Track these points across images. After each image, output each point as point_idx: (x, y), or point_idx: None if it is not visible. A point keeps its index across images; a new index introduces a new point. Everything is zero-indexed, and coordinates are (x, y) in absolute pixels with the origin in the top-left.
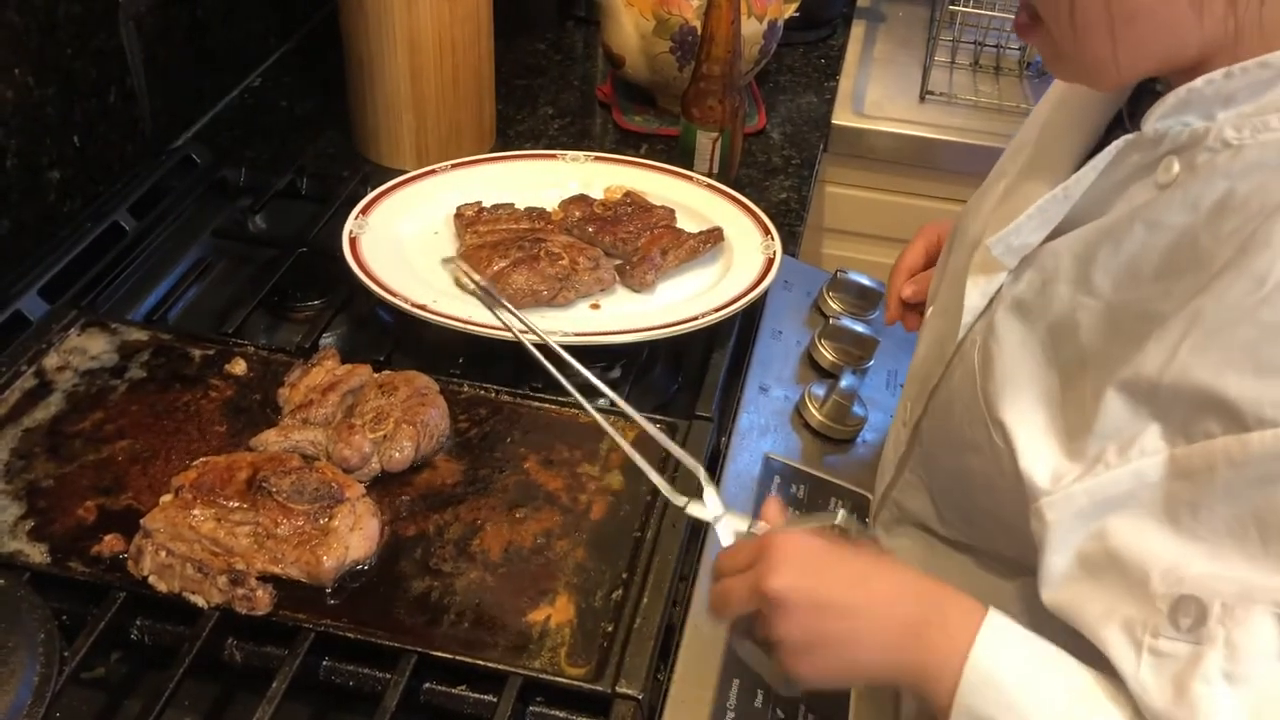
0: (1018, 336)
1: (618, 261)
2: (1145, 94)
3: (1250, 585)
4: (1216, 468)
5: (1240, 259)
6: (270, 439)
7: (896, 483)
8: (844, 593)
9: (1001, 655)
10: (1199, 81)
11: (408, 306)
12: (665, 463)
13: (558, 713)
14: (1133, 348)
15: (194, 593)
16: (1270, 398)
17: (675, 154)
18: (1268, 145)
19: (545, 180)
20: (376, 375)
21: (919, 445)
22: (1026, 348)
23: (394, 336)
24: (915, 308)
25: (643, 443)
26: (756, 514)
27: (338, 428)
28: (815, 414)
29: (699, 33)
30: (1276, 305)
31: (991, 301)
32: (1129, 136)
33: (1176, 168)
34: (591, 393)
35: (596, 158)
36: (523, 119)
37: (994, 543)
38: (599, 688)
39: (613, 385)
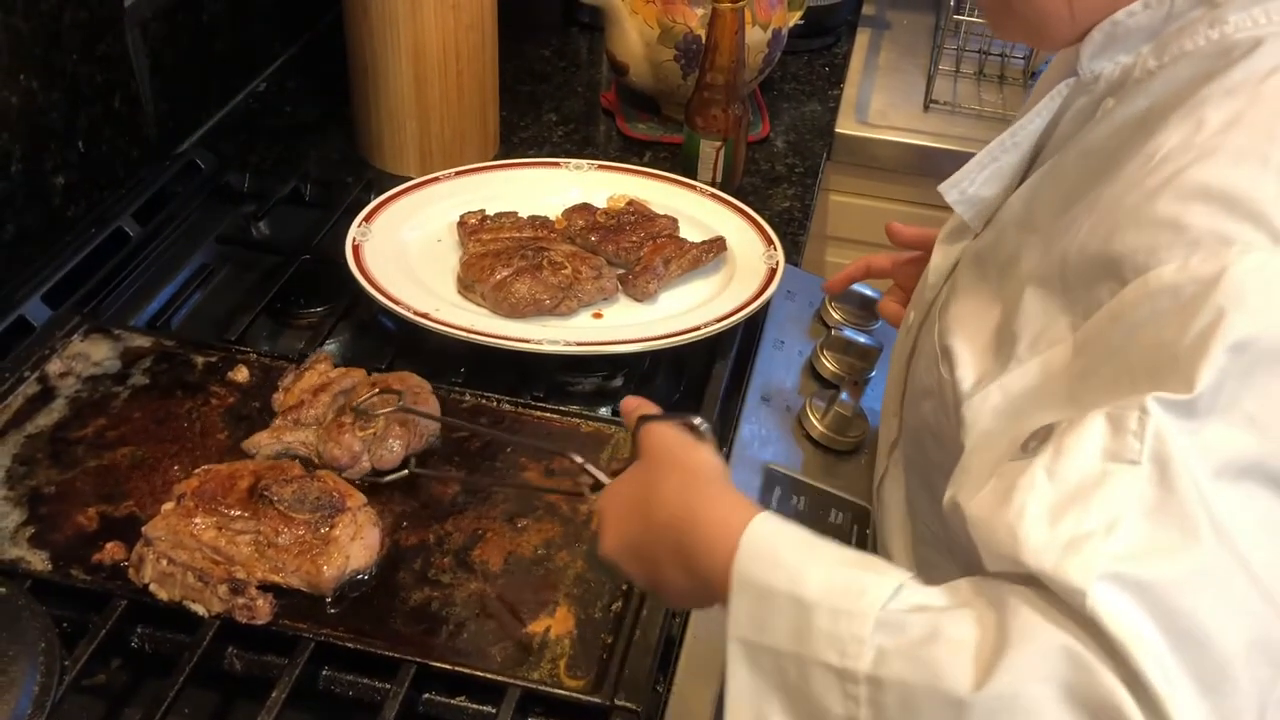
0: (973, 283)
1: (620, 271)
2: None
3: (1100, 408)
4: (1103, 331)
5: (1140, 145)
6: (262, 441)
7: (884, 478)
8: (642, 538)
9: (775, 532)
10: (1120, 14)
11: (410, 315)
12: None
13: None
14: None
15: (195, 601)
16: (1144, 245)
17: (679, 162)
18: (1180, 62)
19: (548, 188)
20: (369, 376)
21: (906, 426)
22: (978, 290)
23: (396, 344)
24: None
25: None
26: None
27: (327, 427)
28: (817, 425)
29: (703, 41)
30: (1159, 173)
31: (956, 265)
32: (1069, 80)
33: (1111, 104)
34: (594, 401)
35: (599, 166)
36: (526, 125)
37: (955, 537)
38: (598, 699)
39: (614, 394)
